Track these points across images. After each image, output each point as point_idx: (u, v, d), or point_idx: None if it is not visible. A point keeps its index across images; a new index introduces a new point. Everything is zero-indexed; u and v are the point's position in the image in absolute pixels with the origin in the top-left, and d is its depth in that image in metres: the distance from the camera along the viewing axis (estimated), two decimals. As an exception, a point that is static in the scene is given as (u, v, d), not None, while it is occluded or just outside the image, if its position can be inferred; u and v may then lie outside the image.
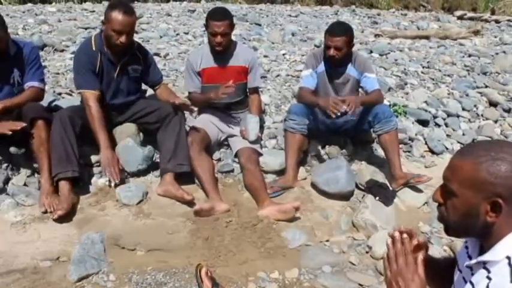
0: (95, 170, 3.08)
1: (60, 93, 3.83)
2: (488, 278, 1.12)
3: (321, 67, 3.29)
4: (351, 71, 3.27)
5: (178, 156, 2.98)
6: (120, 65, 3.04)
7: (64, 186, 2.75)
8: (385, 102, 4.00)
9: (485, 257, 1.15)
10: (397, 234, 1.30)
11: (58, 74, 4.37)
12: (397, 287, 1.24)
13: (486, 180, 1.10)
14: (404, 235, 1.30)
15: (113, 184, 2.90)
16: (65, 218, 2.65)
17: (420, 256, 1.28)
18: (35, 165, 2.92)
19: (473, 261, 1.20)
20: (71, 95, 3.85)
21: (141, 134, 3.23)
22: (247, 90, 3.44)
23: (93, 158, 3.09)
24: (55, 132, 2.80)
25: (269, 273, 2.43)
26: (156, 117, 3.11)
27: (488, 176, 1.09)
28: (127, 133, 3.15)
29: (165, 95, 3.24)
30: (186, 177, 3.04)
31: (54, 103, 3.45)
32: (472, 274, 1.21)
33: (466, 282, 1.24)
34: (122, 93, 3.13)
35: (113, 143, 3.04)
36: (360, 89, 3.40)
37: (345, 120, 3.28)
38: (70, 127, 2.82)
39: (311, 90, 3.25)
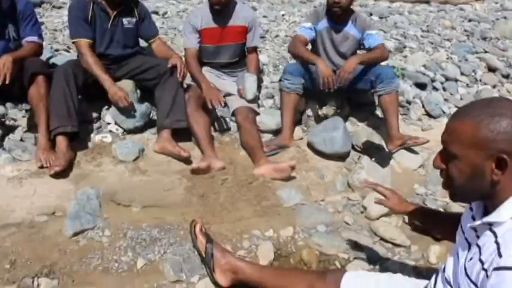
0: (92, 126, 3.02)
1: (57, 50, 3.74)
2: (497, 243, 1.05)
3: (323, 23, 3.20)
4: (351, 29, 3.19)
5: (176, 112, 2.93)
6: (114, 16, 2.97)
7: (62, 141, 2.67)
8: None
9: (490, 218, 1.09)
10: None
11: (56, 30, 4.26)
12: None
13: (488, 137, 1.03)
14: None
15: (121, 105, 2.88)
16: (62, 173, 2.58)
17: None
18: (32, 120, 2.83)
19: (478, 222, 1.13)
20: (68, 51, 3.77)
21: (138, 90, 3.14)
22: (246, 49, 3.36)
23: (91, 115, 3.04)
24: (57, 86, 2.71)
25: (264, 231, 2.39)
26: (154, 73, 3.02)
27: (489, 133, 1.03)
28: (126, 90, 3.02)
29: (162, 50, 3.17)
30: (183, 134, 2.99)
31: (51, 59, 3.36)
32: (477, 236, 1.14)
33: (469, 243, 1.17)
34: (117, 45, 3.05)
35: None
36: (361, 49, 3.31)
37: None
38: (73, 82, 2.75)
39: (305, 41, 3.16)
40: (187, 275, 2.05)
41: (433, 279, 1.36)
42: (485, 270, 1.05)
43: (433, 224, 1.69)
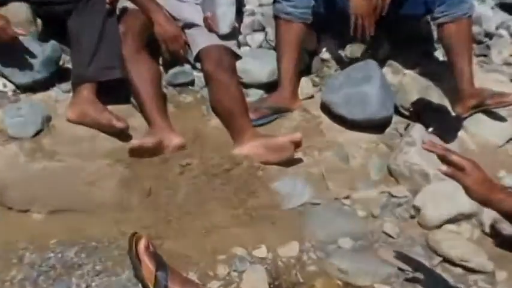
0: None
1: None
2: None
3: None
4: None
5: (103, 55, 2.95)
6: None
7: None
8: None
9: None
10: None
11: None
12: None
13: None
14: None
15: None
16: None
17: None
18: None
19: None
20: None
21: (38, 20, 3.15)
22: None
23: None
24: None
25: (251, 250, 2.39)
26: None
27: None
28: (16, 19, 2.99)
29: None
30: (114, 93, 3.03)
31: None
32: None
33: None
34: None
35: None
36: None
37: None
38: None
39: None
40: (126, 323, 2.07)
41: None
42: None
43: None
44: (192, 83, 3.22)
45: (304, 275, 2.31)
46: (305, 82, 3.33)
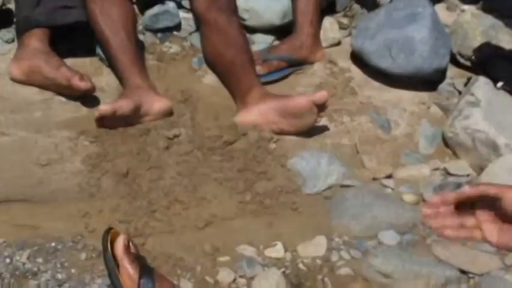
0: None
1: None
2: None
3: None
4: None
5: None
6: None
7: None
8: None
9: None
10: None
11: None
12: None
13: None
14: None
15: None
16: None
17: None
18: None
19: None
20: None
21: None
22: None
23: None
24: None
25: (263, 249, 2.42)
26: None
27: None
28: None
29: None
30: (76, 41, 3.06)
31: None
32: None
33: None
34: None
35: None
36: None
37: None
38: None
39: None
40: None
41: None
42: None
43: None
44: (178, 27, 3.26)
45: (334, 281, 2.33)
46: (329, 24, 3.35)
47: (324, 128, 2.90)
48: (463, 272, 2.36)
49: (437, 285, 2.33)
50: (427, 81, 3.13)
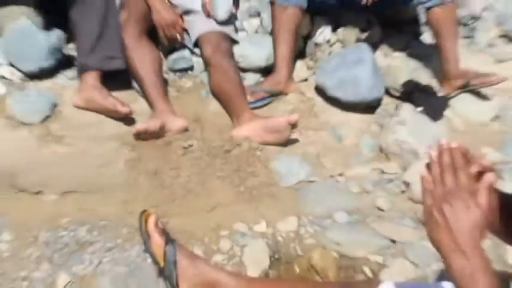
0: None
1: None
2: None
3: None
4: None
5: (106, 44, 2.96)
6: None
7: None
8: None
9: None
10: (444, 141, 1.30)
11: None
12: (440, 218, 1.21)
13: None
14: (454, 145, 1.28)
15: None
16: None
17: (489, 175, 1.25)
18: None
19: None
20: None
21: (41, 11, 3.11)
22: None
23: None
24: None
25: (252, 225, 2.45)
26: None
27: None
28: (20, 10, 3.03)
29: None
30: (118, 80, 3.06)
31: None
32: None
33: None
34: None
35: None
36: None
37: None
38: None
39: None
40: (137, 295, 2.10)
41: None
42: None
43: None
44: (191, 68, 3.23)
45: (302, 248, 2.37)
46: (299, 66, 3.36)
47: (295, 140, 2.92)
48: (392, 241, 2.40)
49: (374, 250, 2.36)
50: (368, 107, 3.15)
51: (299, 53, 3.41)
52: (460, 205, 1.20)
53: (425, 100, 3.07)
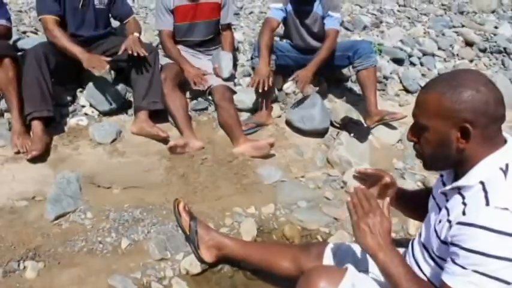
0: (67, 109, 3.03)
1: (24, 32, 3.69)
2: (464, 203, 1.15)
3: (289, 7, 3.19)
4: (318, 9, 3.16)
5: (152, 93, 2.95)
6: None
7: (37, 126, 2.67)
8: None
9: (460, 183, 1.18)
10: (359, 169, 1.55)
11: (21, 11, 4.21)
12: (366, 228, 1.25)
13: (451, 108, 1.12)
14: (363, 170, 1.55)
15: (98, 73, 2.78)
16: (39, 158, 2.59)
17: (387, 199, 1.35)
18: (4, 105, 2.84)
19: (448, 187, 1.23)
20: (36, 33, 3.71)
21: (112, 72, 3.14)
22: (220, 26, 3.38)
23: (65, 98, 3.07)
24: (29, 70, 2.69)
25: (245, 209, 2.46)
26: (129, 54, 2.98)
27: (452, 104, 1.12)
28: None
29: (133, 29, 3.10)
30: (159, 116, 3.03)
31: (19, 42, 3.30)
32: (447, 200, 1.24)
33: (440, 208, 1.27)
34: (88, 25, 3.02)
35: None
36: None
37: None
38: (45, 64, 2.72)
39: (277, 24, 3.17)
40: (172, 253, 2.12)
41: (410, 244, 1.46)
42: (450, 223, 1.16)
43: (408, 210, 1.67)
44: (206, 108, 3.22)
45: (278, 224, 2.40)
46: (276, 107, 3.34)
47: (273, 155, 2.91)
48: (335, 219, 2.42)
49: (324, 224, 2.37)
50: (320, 134, 3.14)
51: (275, 99, 3.39)
52: (376, 219, 1.26)
53: (356, 129, 3.06)
